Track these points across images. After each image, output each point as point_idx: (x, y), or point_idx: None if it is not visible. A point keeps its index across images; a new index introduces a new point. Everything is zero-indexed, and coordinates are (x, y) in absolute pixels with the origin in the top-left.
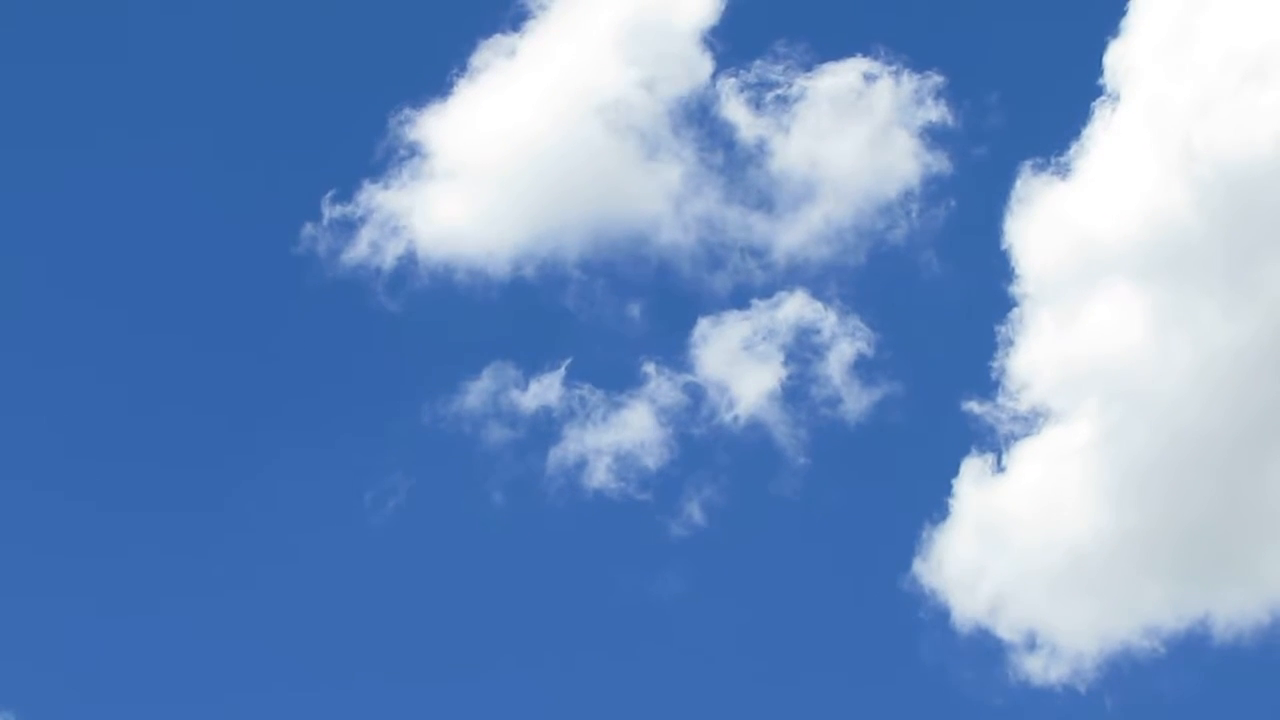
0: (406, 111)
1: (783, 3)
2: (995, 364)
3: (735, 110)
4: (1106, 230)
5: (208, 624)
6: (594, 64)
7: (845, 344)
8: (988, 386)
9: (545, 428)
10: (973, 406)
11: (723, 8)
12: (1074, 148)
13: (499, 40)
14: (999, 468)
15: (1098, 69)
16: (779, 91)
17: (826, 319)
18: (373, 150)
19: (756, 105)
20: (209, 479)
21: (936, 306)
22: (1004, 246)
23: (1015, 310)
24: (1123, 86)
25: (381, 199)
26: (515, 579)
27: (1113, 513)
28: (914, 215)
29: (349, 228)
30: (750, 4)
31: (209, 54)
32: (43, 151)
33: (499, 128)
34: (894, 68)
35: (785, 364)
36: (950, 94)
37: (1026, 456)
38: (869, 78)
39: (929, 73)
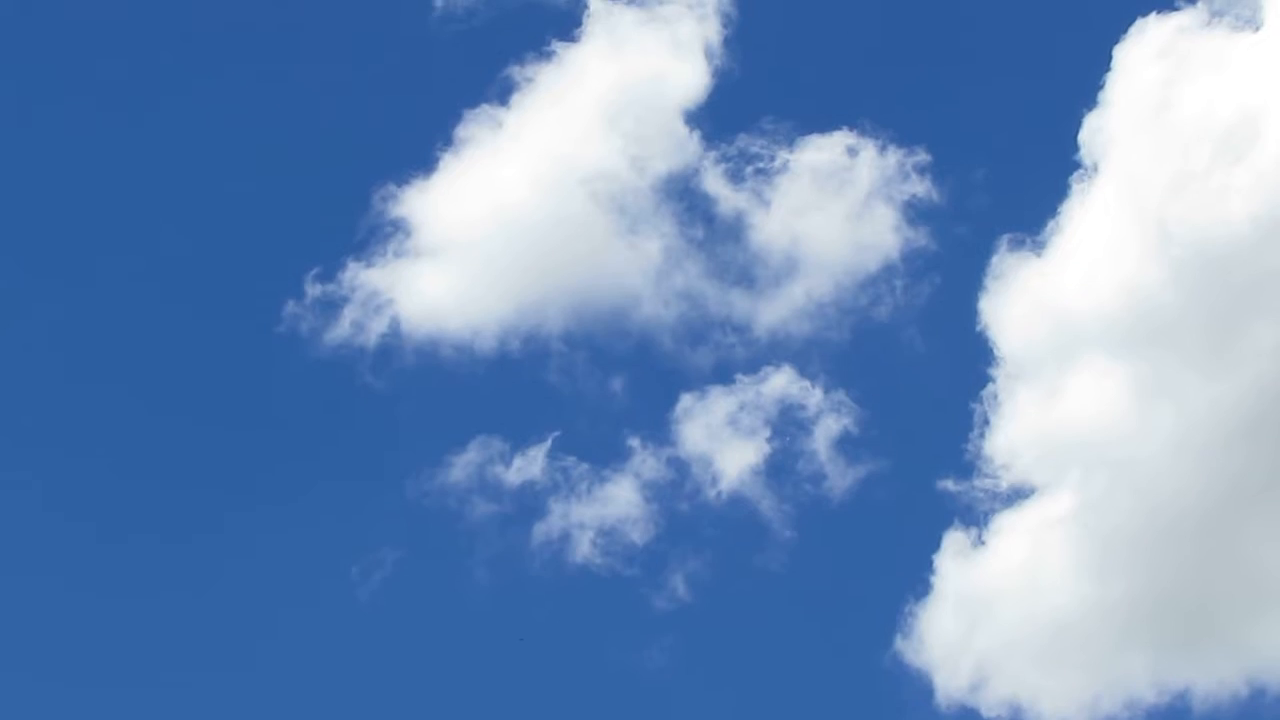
0: (390, 188)
1: (771, 77)
2: (978, 439)
3: (717, 184)
4: (1084, 306)
5: (197, 694)
6: (579, 137)
7: (831, 420)
8: (969, 462)
9: (530, 502)
10: (955, 482)
11: (711, 83)
12: (1051, 224)
13: (485, 111)
14: (980, 542)
15: (1074, 143)
16: (760, 165)
17: (813, 395)
18: (356, 228)
19: (739, 179)
20: (196, 553)
21: (920, 383)
22: (985, 322)
23: (997, 386)
24: (1100, 159)
25: (365, 277)
26: (500, 652)
27: (1095, 584)
28: (898, 291)
29: (332, 307)
30: (739, 79)
31: (192, 131)
32: (32, 221)
33: (483, 202)
34: (879, 141)
35: (770, 439)
36: (935, 169)
37: (1007, 530)
38: (852, 151)
39: (915, 147)
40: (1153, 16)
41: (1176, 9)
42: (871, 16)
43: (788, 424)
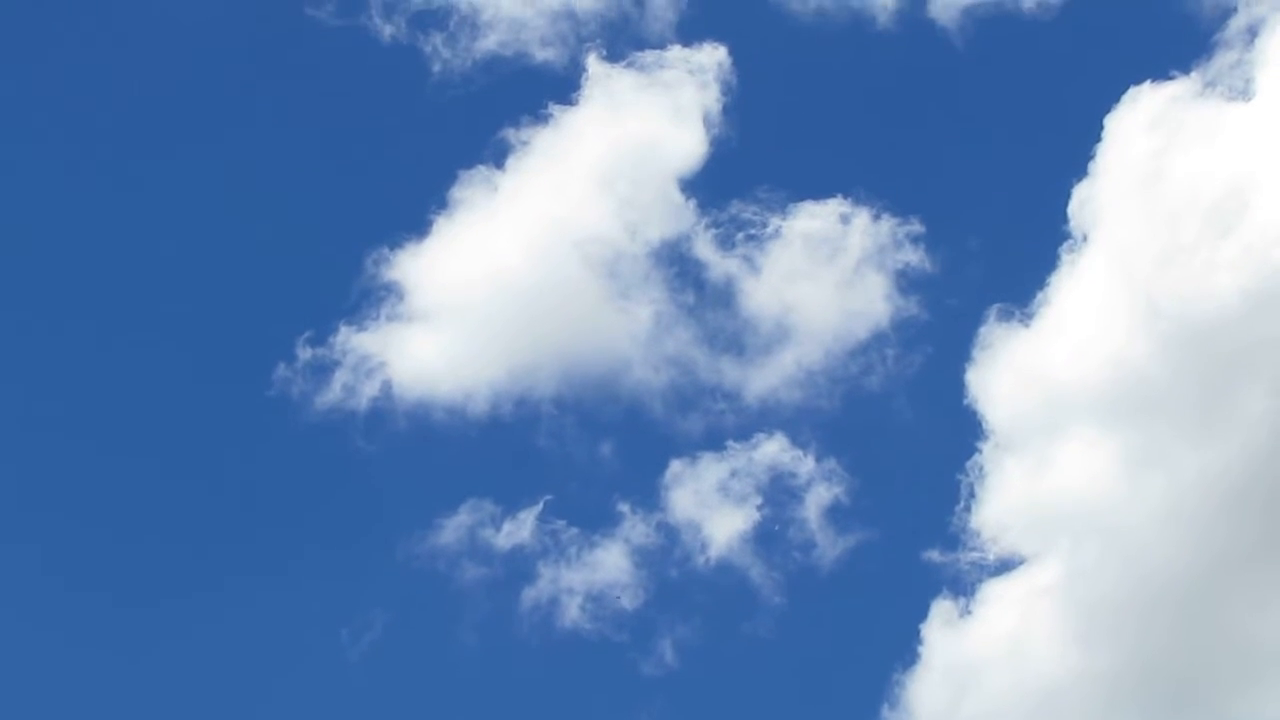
0: (383, 251)
1: (768, 145)
2: (966, 509)
3: (708, 250)
4: (1072, 377)
5: None
6: (574, 201)
7: (822, 489)
8: (958, 532)
9: (519, 565)
10: (943, 552)
11: (707, 150)
12: (1040, 295)
13: (480, 173)
14: (967, 611)
15: (1064, 214)
16: (752, 231)
17: (804, 463)
18: (348, 291)
19: (729, 245)
20: (187, 616)
21: (910, 453)
22: (973, 394)
23: (986, 456)
24: (1090, 230)
25: (356, 341)
26: (488, 717)
27: (1082, 653)
28: (888, 361)
29: (323, 370)
30: (736, 146)
31: (184, 192)
32: (22, 278)
33: (476, 265)
34: (873, 209)
35: (761, 507)
36: (928, 238)
37: (995, 599)
38: (845, 219)
39: (909, 216)
40: (1146, 85)
41: (1170, 78)
42: (868, 87)
43: (778, 492)
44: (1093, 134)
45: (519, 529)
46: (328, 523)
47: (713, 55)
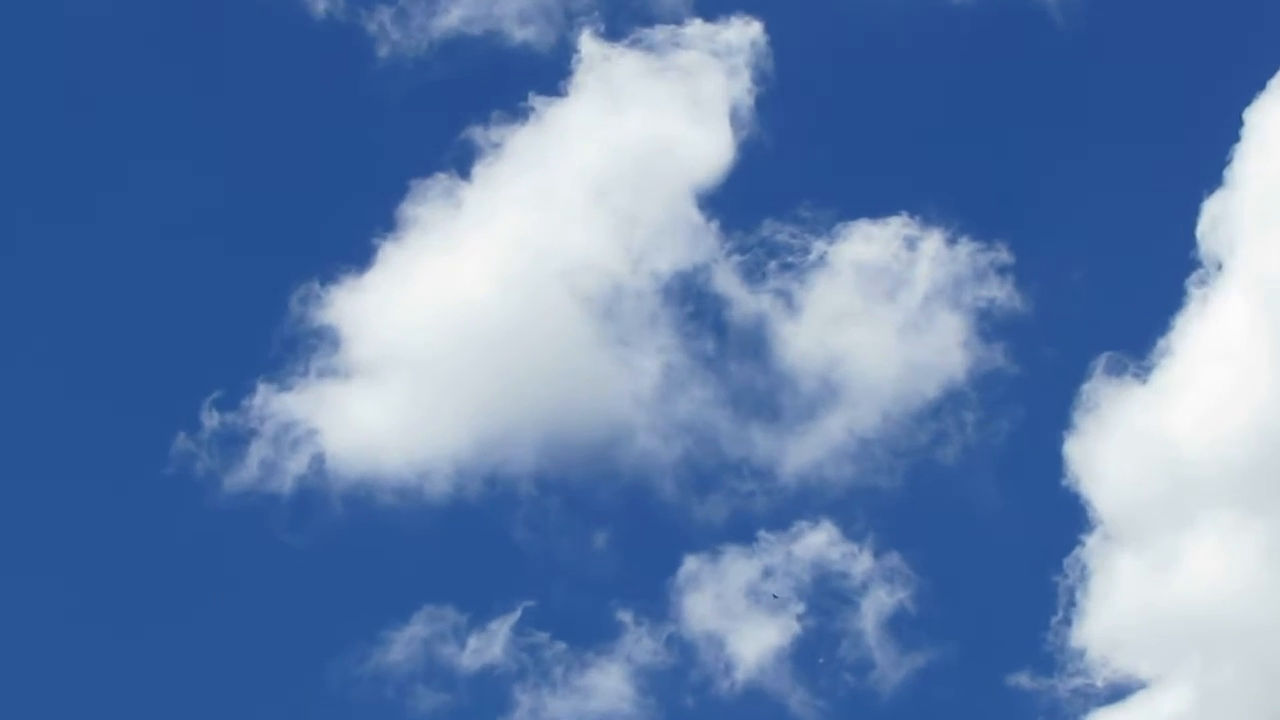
0: (313, 286)
1: (811, 148)
2: (1067, 621)
3: (733, 284)
4: (1203, 447)
5: None
6: (560, 220)
7: (881, 593)
8: (1055, 650)
9: (490, 691)
10: (1036, 676)
11: (735, 155)
12: (1160, 342)
13: (439, 184)
14: None
15: (1191, 237)
16: (789, 259)
17: (858, 560)
18: (268, 339)
19: (760, 278)
20: None
21: (994, 547)
22: (1075, 471)
23: (1092, 551)
24: (1225, 257)
25: (279, 403)
26: None
27: None
28: (967, 427)
29: (236, 441)
30: (771, 150)
31: (52, 211)
32: None
33: (433, 304)
34: (947, 231)
35: (802, 616)
36: (1018, 269)
37: None
38: (910, 243)
39: (992, 240)
40: None
41: None
42: (941, 75)
43: (825, 596)
44: (1229, 133)
45: (489, 644)
46: (243, 637)
47: (743, 33)
